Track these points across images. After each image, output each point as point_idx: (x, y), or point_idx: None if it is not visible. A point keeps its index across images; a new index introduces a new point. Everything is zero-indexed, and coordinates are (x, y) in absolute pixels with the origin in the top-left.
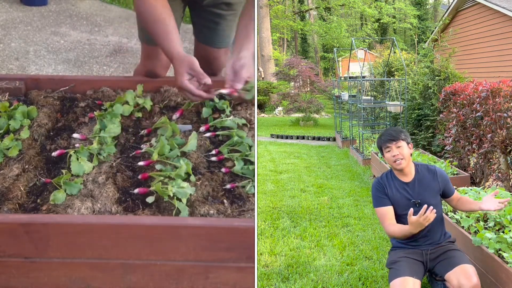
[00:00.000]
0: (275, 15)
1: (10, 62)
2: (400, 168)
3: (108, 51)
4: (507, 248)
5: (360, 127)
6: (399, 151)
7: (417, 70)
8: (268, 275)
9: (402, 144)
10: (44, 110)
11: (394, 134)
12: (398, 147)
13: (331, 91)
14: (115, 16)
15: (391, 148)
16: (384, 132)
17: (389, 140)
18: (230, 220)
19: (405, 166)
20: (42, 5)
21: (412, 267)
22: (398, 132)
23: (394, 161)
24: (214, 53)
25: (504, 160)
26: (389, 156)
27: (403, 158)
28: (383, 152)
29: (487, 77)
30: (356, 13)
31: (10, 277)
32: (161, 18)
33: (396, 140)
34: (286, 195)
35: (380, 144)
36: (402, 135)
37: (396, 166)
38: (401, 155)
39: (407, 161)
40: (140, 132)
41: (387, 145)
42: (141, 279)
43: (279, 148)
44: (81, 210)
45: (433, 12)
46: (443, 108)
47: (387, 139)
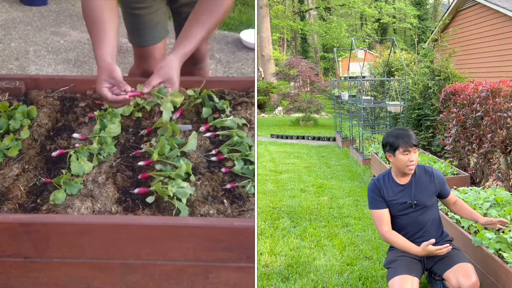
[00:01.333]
0: (275, 15)
1: (10, 62)
2: (410, 173)
3: None
4: (507, 248)
5: (360, 127)
6: (415, 157)
7: (417, 70)
8: (268, 275)
9: (417, 149)
10: (44, 110)
11: (415, 138)
12: (415, 153)
13: (331, 91)
14: None
15: (410, 152)
16: (404, 133)
17: (412, 144)
18: (230, 220)
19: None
20: (42, 5)
21: (410, 266)
22: (415, 137)
23: (407, 166)
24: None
25: (504, 160)
26: (404, 160)
27: (415, 165)
28: (396, 151)
29: (487, 77)
30: (356, 13)
31: (10, 277)
32: (100, 20)
33: (417, 146)
34: (286, 195)
35: (397, 144)
36: (417, 139)
37: (408, 171)
38: (416, 161)
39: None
40: (140, 132)
41: (408, 149)
42: (141, 279)
43: (279, 148)
44: (81, 210)
45: (433, 12)
46: (443, 108)
47: (410, 142)
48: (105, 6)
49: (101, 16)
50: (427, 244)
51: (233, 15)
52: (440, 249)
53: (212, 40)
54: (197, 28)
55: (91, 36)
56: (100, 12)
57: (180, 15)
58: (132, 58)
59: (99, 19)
